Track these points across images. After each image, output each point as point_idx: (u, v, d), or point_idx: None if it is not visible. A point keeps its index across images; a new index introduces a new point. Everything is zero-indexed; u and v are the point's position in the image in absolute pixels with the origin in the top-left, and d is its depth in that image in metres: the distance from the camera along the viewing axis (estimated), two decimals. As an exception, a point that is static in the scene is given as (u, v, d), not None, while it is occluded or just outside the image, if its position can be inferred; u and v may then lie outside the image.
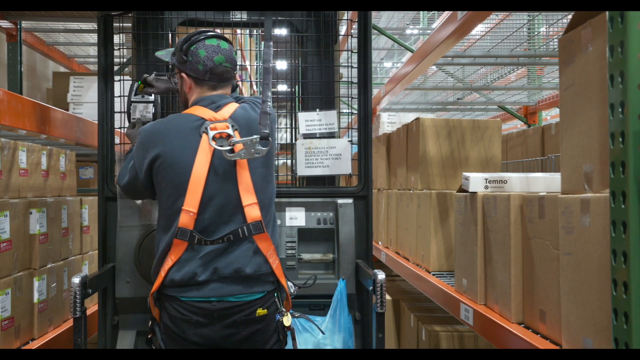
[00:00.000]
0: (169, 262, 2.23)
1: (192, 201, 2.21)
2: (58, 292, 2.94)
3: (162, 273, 2.23)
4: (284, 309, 2.30)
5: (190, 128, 2.26)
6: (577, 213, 1.60)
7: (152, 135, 2.31)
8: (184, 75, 2.35)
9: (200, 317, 2.20)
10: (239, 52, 9.62)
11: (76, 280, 2.25)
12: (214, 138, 2.22)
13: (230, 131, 2.24)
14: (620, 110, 1.34)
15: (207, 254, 2.22)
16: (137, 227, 2.81)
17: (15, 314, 2.50)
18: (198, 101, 2.33)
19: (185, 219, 2.21)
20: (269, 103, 2.26)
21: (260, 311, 2.23)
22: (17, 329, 2.53)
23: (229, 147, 2.21)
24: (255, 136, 2.21)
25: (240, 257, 2.22)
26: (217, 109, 2.29)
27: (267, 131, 2.22)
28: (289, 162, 3.55)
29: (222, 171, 2.23)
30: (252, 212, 2.23)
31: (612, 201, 1.37)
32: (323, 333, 2.54)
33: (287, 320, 2.28)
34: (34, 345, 2.62)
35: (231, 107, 2.31)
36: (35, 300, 2.70)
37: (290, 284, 2.38)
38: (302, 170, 2.94)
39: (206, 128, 2.24)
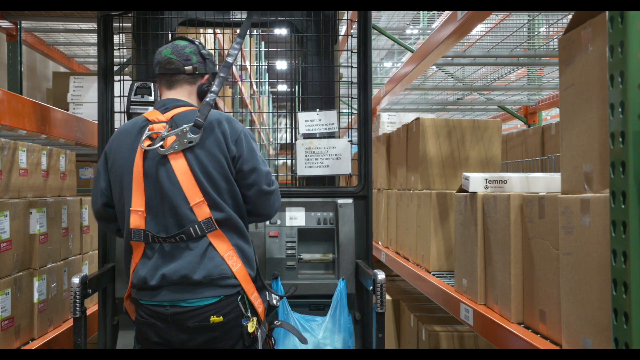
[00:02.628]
0: (132, 265, 2.23)
1: (138, 201, 2.18)
2: (58, 292, 2.94)
3: (130, 275, 2.24)
4: (249, 315, 2.16)
5: (136, 130, 2.25)
6: (577, 213, 1.60)
7: (110, 139, 2.36)
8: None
9: (157, 320, 2.17)
10: (239, 55, 9.62)
11: (76, 280, 2.25)
12: (150, 137, 2.19)
13: (164, 131, 2.19)
14: (620, 110, 1.34)
15: (157, 258, 2.17)
16: None
17: (15, 314, 2.50)
18: (155, 104, 2.37)
19: (136, 220, 2.18)
20: (215, 96, 2.24)
21: (214, 318, 2.13)
22: (17, 329, 2.53)
23: (160, 143, 2.17)
24: (185, 126, 2.17)
25: (189, 262, 2.14)
26: (165, 110, 2.27)
27: (202, 120, 2.16)
28: (289, 162, 3.55)
29: (159, 170, 2.18)
30: (202, 210, 2.15)
31: (612, 201, 1.37)
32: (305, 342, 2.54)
33: (251, 327, 2.15)
34: (34, 345, 2.62)
35: (178, 110, 2.26)
36: (35, 300, 2.70)
37: (273, 295, 2.33)
38: (302, 170, 2.94)
39: (145, 128, 2.23)
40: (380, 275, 2.33)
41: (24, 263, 2.64)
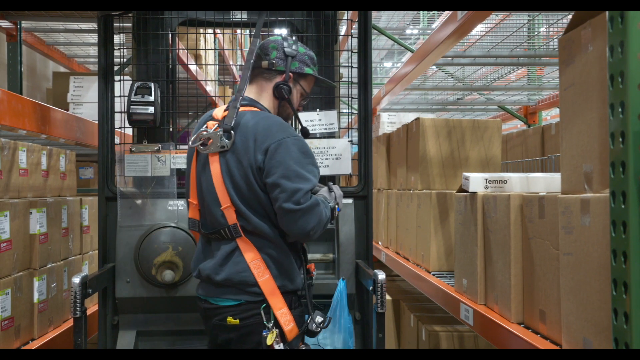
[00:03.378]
0: None
1: (192, 193, 2.28)
2: (58, 292, 2.94)
3: None
4: (271, 327, 2.09)
5: (201, 123, 2.31)
6: (577, 213, 1.60)
7: None
8: None
9: (200, 312, 2.29)
10: (238, 52, 9.62)
11: (76, 280, 2.26)
12: (200, 135, 2.20)
13: (210, 130, 2.17)
14: (620, 110, 1.34)
15: (200, 251, 2.26)
16: (137, 227, 2.81)
17: (15, 314, 2.50)
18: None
19: (191, 210, 2.29)
20: (238, 97, 2.21)
21: (231, 319, 2.12)
22: (17, 329, 2.53)
23: (199, 142, 2.19)
24: (220, 129, 2.15)
25: (214, 264, 2.16)
26: (227, 108, 2.24)
27: (229, 125, 2.14)
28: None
29: (204, 168, 2.21)
30: (230, 215, 2.14)
31: (612, 201, 1.37)
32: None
33: (270, 339, 2.08)
34: (34, 345, 2.62)
35: (234, 110, 2.20)
36: (35, 300, 2.70)
37: (314, 317, 2.18)
38: (302, 170, 2.94)
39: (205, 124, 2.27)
40: (381, 276, 2.32)
41: (24, 263, 2.64)
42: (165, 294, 2.80)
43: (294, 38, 2.35)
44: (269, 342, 2.08)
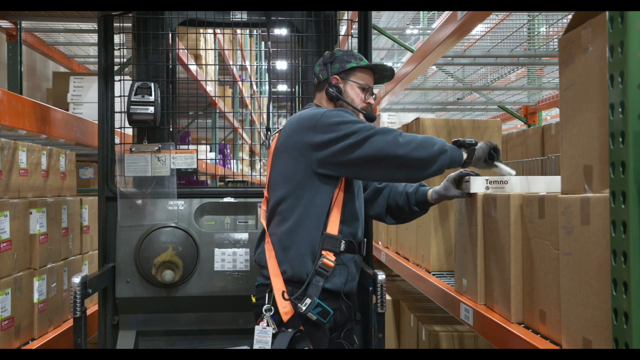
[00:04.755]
0: None
1: None
2: (58, 292, 2.94)
3: None
4: (271, 307, 2.26)
5: None
6: (577, 213, 1.60)
7: None
8: None
9: None
10: (238, 52, 9.60)
11: (76, 280, 2.26)
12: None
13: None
14: (620, 110, 1.34)
15: None
16: (137, 227, 2.81)
17: (15, 314, 2.50)
18: None
19: None
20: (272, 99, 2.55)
21: (253, 298, 2.37)
22: (17, 329, 2.53)
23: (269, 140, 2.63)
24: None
25: (257, 244, 2.45)
26: None
27: (277, 127, 2.43)
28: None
29: None
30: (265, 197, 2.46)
31: (612, 201, 1.37)
32: None
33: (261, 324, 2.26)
34: (34, 345, 2.62)
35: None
36: (35, 300, 2.70)
37: (299, 304, 2.21)
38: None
39: None
40: (381, 276, 2.33)
41: (24, 263, 2.64)
42: (165, 294, 2.80)
43: (335, 49, 2.60)
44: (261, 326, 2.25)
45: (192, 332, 2.87)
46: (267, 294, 2.28)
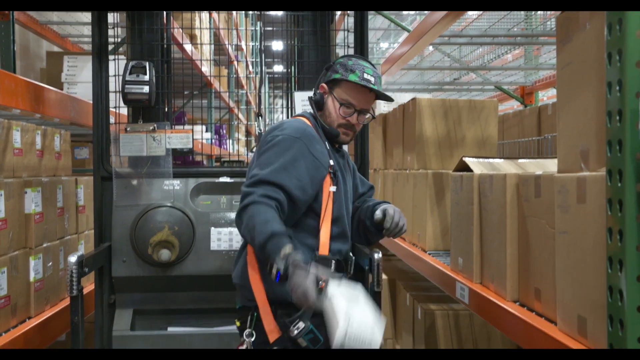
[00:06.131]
0: None
1: None
2: (54, 272, 2.94)
3: None
4: (253, 332, 2.06)
5: None
6: (574, 192, 1.60)
7: None
8: None
9: None
10: (234, 32, 9.51)
11: (72, 259, 2.26)
12: None
13: None
14: (617, 88, 1.34)
15: None
16: (133, 207, 2.80)
17: (11, 293, 2.50)
18: None
19: None
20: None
21: (237, 322, 2.16)
22: (14, 307, 2.53)
23: None
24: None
25: (236, 259, 2.22)
26: None
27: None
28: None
29: None
30: None
31: (608, 179, 1.37)
32: None
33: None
34: (31, 323, 2.62)
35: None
36: (32, 279, 2.70)
37: (293, 327, 1.96)
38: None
39: None
40: (377, 255, 2.33)
41: (19, 242, 2.63)
42: (162, 273, 2.80)
43: (340, 56, 2.36)
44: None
45: (189, 310, 2.88)
46: (249, 317, 2.09)
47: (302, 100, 2.97)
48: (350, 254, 2.35)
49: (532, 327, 1.77)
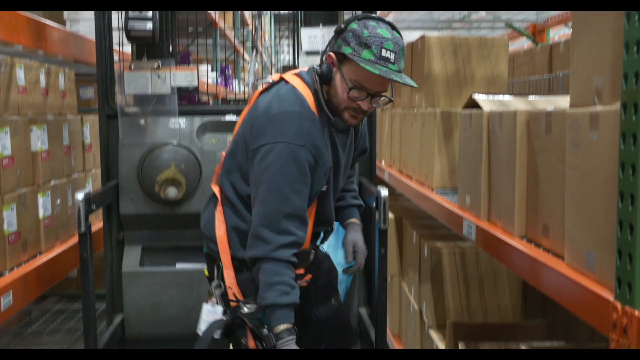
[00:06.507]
0: None
1: None
2: (63, 209, 2.96)
3: None
4: (221, 283, 2.07)
5: None
6: (586, 127, 1.57)
7: None
8: None
9: None
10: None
11: (80, 196, 2.26)
12: None
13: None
14: (636, 18, 1.29)
15: None
16: (139, 145, 2.80)
17: (21, 229, 2.52)
18: None
19: None
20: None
21: (206, 271, 2.19)
22: (24, 243, 2.56)
23: None
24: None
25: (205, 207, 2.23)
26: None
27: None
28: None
29: None
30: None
31: (622, 113, 1.34)
32: None
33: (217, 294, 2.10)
34: (42, 258, 2.66)
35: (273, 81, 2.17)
36: (41, 216, 2.72)
37: (244, 305, 2.00)
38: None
39: None
40: (384, 192, 2.32)
41: (27, 180, 2.64)
42: (169, 211, 2.82)
43: (353, 20, 1.93)
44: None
45: (196, 247, 2.91)
46: (215, 268, 2.11)
47: (308, 37, 2.91)
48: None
49: (539, 263, 1.77)
